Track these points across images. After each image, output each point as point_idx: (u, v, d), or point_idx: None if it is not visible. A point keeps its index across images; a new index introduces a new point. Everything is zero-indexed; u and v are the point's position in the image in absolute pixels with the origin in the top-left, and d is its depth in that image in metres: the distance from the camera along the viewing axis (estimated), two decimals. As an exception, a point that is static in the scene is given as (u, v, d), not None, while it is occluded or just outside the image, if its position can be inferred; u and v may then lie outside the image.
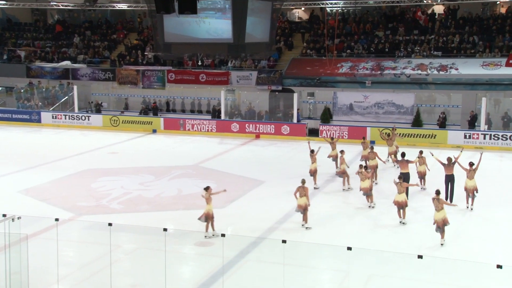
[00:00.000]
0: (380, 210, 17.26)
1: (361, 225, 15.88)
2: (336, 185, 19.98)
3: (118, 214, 16.88)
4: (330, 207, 17.61)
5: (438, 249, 13.96)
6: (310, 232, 15.26)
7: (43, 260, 12.94)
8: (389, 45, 33.46)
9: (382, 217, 16.61)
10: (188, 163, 23.78)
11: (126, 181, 20.61)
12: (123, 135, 30.71)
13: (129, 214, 16.93)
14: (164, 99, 36.01)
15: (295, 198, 15.67)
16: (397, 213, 15.97)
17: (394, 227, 15.72)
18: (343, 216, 16.76)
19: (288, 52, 36.22)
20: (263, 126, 30.04)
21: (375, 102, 30.67)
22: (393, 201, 15.99)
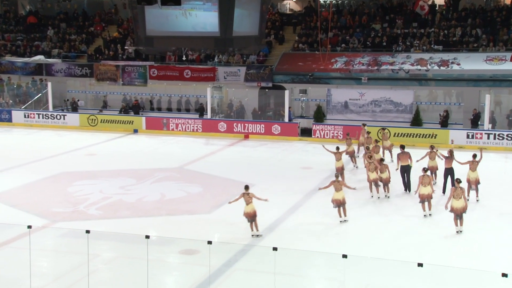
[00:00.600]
0: (380, 213, 17.33)
1: (358, 230, 15.93)
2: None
3: (96, 220, 16.80)
4: (324, 211, 17.66)
5: (439, 256, 14.04)
6: (303, 238, 15.28)
7: (14, 271, 12.84)
8: (386, 38, 33.62)
9: (381, 221, 16.68)
10: (172, 165, 23.73)
11: (105, 185, 20.53)
12: (102, 136, 30.58)
13: (108, 220, 16.85)
14: (146, 97, 35.92)
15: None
16: (421, 207, 16.94)
17: (395, 232, 15.79)
18: (338, 220, 16.79)
19: (279, 46, 36.26)
20: (252, 126, 30.06)
21: (372, 100, 30.81)
22: (419, 194, 16.85)
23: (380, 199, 18.66)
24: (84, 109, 35.78)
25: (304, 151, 26.58)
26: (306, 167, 23.47)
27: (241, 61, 35.14)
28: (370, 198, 18.71)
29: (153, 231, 15.89)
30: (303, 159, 24.96)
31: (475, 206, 17.81)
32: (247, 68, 33.73)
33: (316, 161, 24.55)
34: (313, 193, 19.54)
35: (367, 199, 18.64)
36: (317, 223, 16.59)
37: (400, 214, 17.38)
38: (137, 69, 35.74)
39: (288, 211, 17.52)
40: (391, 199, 18.75)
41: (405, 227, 16.31)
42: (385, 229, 16.14)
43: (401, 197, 19.02)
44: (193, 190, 20.00)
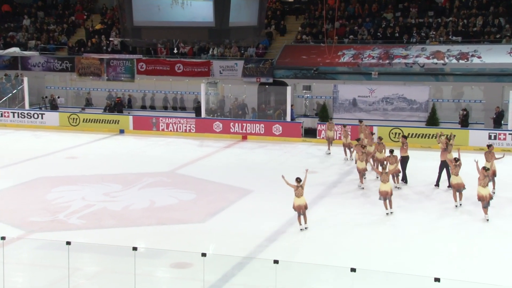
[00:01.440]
0: (392, 222, 17.35)
1: (366, 240, 15.94)
2: (345, 194, 20.07)
3: (78, 230, 16.78)
4: (330, 220, 17.65)
5: (457, 269, 14.04)
6: (307, 250, 15.28)
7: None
8: (399, 29, 33.66)
9: (393, 230, 16.68)
10: (162, 169, 23.73)
11: (88, 191, 20.52)
12: (84, 137, 30.58)
13: (91, 230, 16.84)
14: (138, 94, 35.91)
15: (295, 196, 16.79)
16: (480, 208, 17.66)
17: (406, 242, 15.79)
18: (346, 228, 16.80)
19: (280, 38, 36.29)
20: (251, 126, 30.07)
21: (383, 97, 30.82)
22: (478, 195, 17.62)
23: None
24: (65, 107, 35.79)
25: (308, 154, 26.59)
26: (311, 171, 23.41)
27: (239, 54, 35.16)
28: (371, 198, 19.39)
29: (141, 242, 15.87)
30: (307, 162, 24.95)
31: (495, 219, 17.84)
32: (245, 62, 33.75)
33: (322, 164, 24.55)
34: (319, 200, 19.54)
35: (372, 204, 18.66)
36: (322, 234, 16.58)
37: (408, 221, 17.39)
38: (124, 63, 35.76)
39: (290, 221, 17.50)
40: (398, 204, 18.77)
41: (415, 235, 16.31)
42: (393, 238, 16.14)
43: (407, 199, 19.07)
44: (186, 196, 20.00)
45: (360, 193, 20.44)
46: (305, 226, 16.68)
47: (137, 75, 35.59)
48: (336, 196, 20.04)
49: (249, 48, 34.93)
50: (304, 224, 16.70)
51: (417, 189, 20.81)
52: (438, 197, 19.97)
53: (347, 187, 21.16)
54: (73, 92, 37.82)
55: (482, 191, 17.43)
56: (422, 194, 20.29)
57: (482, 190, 17.43)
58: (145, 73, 35.41)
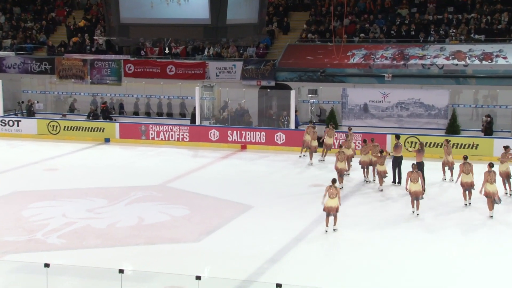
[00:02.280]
0: (395, 235, 17.34)
1: (376, 260, 15.92)
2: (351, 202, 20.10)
3: (58, 251, 16.75)
4: (339, 238, 17.64)
5: None
6: (312, 272, 15.25)
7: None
8: (415, 26, 33.73)
9: (396, 247, 16.68)
10: (152, 182, 23.72)
11: (69, 207, 20.50)
12: (66, 146, 30.58)
13: (73, 251, 16.80)
14: (129, 99, 35.85)
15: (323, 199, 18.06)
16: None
17: (414, 260, 15.79)
18: (356, 248, 16.79)
19: (283, 36, 36.36)
20: (251, 134, 30.08)
21: (397, 102, 30.84)
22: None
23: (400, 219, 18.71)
24: (44, 114, 35.77)
25: (314, 165, 26.59)
26: (317, 184, 23.46)
27: (237, 54, 35.21)
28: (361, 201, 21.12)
29: (128, 264, 15.85)
30: (313, 174, 24.95)
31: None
32: (245, 63, 33.79)
33: (329, 177, 24.43)
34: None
35: (384, 222, 18.65)
36: (329, 254, 16.56)
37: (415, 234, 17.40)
38: (109, 64, 35.80)
39: (295, 240, 17.49)
40: (400, 213, 18.80)
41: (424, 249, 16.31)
42: (406, 257, 16.13)
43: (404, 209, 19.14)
44: (178, 213, 19.98)
45: (372, 210, 20.42)
46: (334, 227, 18.01)
47: (124, 77, 35.60)
48: (344, 214, 19.99)
49: (249, 48, 34.98)
50: (333, 226, 17.99)
51: (435, 203, 20.81)
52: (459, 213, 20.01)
53: (359, 202, 21.14)
54: (53, 96, 37.80)
55: (490, 187, 19.16)
56: (441, 209, 20.29)
57: (490, 187, 19.16)
58: (133, 76, 35.43)
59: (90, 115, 34.30)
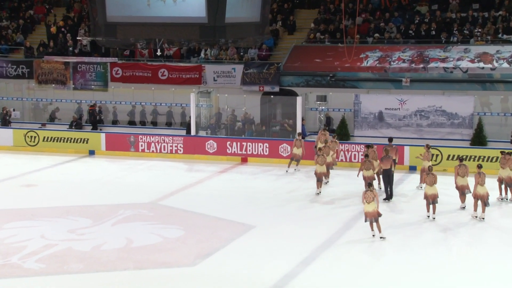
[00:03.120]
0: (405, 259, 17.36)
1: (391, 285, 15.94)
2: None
3: (36, 277, 16.70)
4: (351, 262, 17.64)
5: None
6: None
7: None
8: (436, 25, 33.81)
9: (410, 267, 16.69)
10: (142, 199, 23.71)
11: (49, 227, 20.48)
12: (45, 159, 30.60)
13: (52, 276, 16.76)
14: (107, 106, 35.94)
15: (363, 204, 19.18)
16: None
17: None
18: (367, 274, 16.79)
19: (289, 37, 36.46)
20: (252, 146, 30.09)
21: (416, 110, 30.87)
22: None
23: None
24: (20, 123, 35.80)
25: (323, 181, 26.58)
26: (326, 201, 23.47)
27: (237, 57, 35.31)
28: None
29: (115, 291, 15.84)
30: (323, 191, 24.93)
31: None
32: (245, 67, 33.87)
33: (340, 193, 24.54)
34: (337, 236, 19.51)
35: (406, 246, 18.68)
36: (341, 279, 16.54)
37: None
38: (94, 67, 35.90)
39: (301, 264, 17.47)
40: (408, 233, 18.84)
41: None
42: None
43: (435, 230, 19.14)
44: (171, 233, 19.96)
45: (389, 236, 20.42)
46: (380, 235, 19.02)
47: (111, 82, 35.71)
48: (356, 235, 19.99)
49: (250, 49, 35.09)
50: (378, 232, 19.05)
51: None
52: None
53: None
54: (31, 104, 37.87)
55: (481, 189, 20.81)
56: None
57: (480, 189, 20.81)
58: (120, 81, 35.51)
59: (72, 125, 34.37)
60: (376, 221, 19.06)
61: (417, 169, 26.78)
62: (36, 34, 40.37)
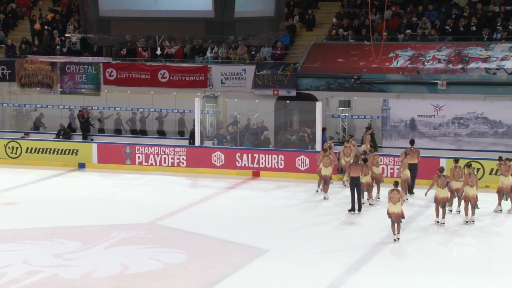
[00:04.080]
0: None
1: None
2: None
3: (18, 307, 16.79)
4: None
5: None
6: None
7: None
8: (477, 20, 33.75)
9: None
10: (139, 219, 23.74)
11: (32, 251, 20.52)
12: (28, 173, 30.67)
13: (37, 307, 16.83)
14: (98, 112, 35.94)
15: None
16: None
17: None
18: None
19: (307, 33, 36.48)
20: (266, 158, 30.08)
21: (454, 117, 30.77)
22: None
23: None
24: (1, 132, 35.89)
25: (346, 197, 26.52)
26: (349, 222, 23.46)
27: (248, 56, 35.34)
28: None
29: (108, 325, 15.86)
30: (344, 209, 24.91)
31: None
32: (257, 68, 33.90)
33: (365, 212, 24.51)
34: (362, 262, 19.49)
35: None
36: None
37: None
38: (85, 68, 36.00)
39: (323, 293, 17.49)
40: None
41: None
42: None
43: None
44: (172, 258, 19.99)
45: (417, 255, 20.37)
46: (397, 236, 20.97)
47: (104, 85, 35.76)
48: (384, 261, 19.96)
49: (263, 48, 35.10)
50: (397, 234, 20.98)
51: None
52: None
53: (402, 247, 21.12)
54: (13, 109, 37.90)
55: (470, 191, 22.56)
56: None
57: (470, 190, 22.55)
58: (115, 83, 35.58)
59: (60, 134, 34.33)
60: (399, 223, 20.94)
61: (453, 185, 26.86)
62: (18, 30, 40.53)
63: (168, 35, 22.29)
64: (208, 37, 23.30)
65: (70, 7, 40.12)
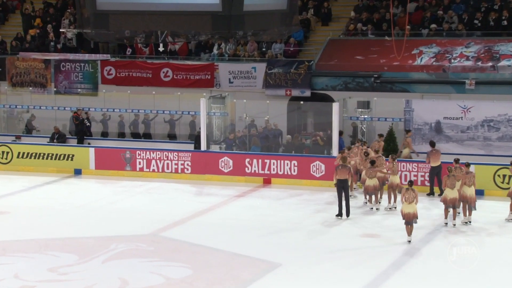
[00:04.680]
0: None
1: None
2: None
3: (9, 325, 16.84)
4: None
5: None
6: None
7: None
8: (508, 14, 33.72)
9: None
10: (140, 230, 23.78)
11: (24, 265, 20.56)
12: (20, 180, 30.78)
13: (29, 325, 16.89)
14: (96, 113, 35.96)
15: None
16: None
17: None
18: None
19: (323, 28, 36.51)
20: (278, 163, 30.08)
21: (483, 119, 30.72)
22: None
23: None
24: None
25: (366, 207, 26.54)
26: (370, 234, 23.44)
27: (258, 53, 35.36)
28: None
29: None
30: (364, 220, 24.90)
31: None
32: (269, 66, 33.93)
33: (388, 223, 24.51)
34: (383, 279, 19.51)
35: None
36: None
37: None
38: (82, 66, 36.09)
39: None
40: None
41: None
42: None
43: None
44: (176, 273, 20.01)
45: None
46: (408, 238, 22.01)
47: (102, 85, 35.82)
48: (406, 279, 19.96)
49: (275, 44, 35.13)
50: (410, 236, 22.03)
51: None
52: None
53: (430, 264, 21.12)
54: (3, 111, 38.01)
55: (467, 190, 23.61)
56: None
57: (467, 190, 23.60)
58: (114, 82, 35.65)
59: (54, 137, 34.38)
60: (412, 224, 21.97)
61: (485, 193, 26.82)
62: (9, 25, 40.68)
63: (171, 30, 22.35)
64: (215, 33, 23.40)
65: (65, 1, 40.14)
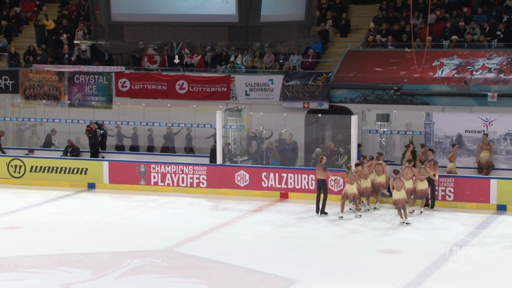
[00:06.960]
0: None
1: None
2: None
3: None
4: None
5: None
6: None
7: None
8: (531, 24, 33.70)
9: None
10: (155, 246, 23.79)
11: (37, 281, 20.58)
12: (33, 195, 30.81)
13: None
14: (110, 126, 35.99)
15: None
16: None
17: None
18: None
19: (341, 39, 36.50)
20: (295, 178, 30.05)
21: (506, 133, 30.60)
22: None
23: None
24: (3, 149, 36.05)
25: (385, 222, 26.49)
26: (389, 250, 23.36)
27: (275, 65, 35.37)
28: None
29: None
30: (383, 235, 24.85)
31: None
32: (286, 78, 33.92)
33: (408, 238, 24.45)
34: None
35: None
36: None
37: None
38: (96, 79, 36.17)
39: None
40: None
41: None
42: None
43: None
44: (191, 290, 20.04)
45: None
46: (405, 221, 25.32)
47: (117, 97, 35.87)
48: None
49: (292, 56, 35.15)
50: (404, 218, 25.31)
51: None
52: None
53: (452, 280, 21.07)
54: (16, 124, 38.09)
55: (396, 194, 25.48)
56: None
57: (396, 194, 25.48)
58: (128, 95, 35.70)
59: (68, 151, 34.42)
60: (404, 208, 25.15)
61: (508, 208, 26.73)
62: (23, 37, 40.79)
63: (187, 42, 22.38)
64: (231, 44, 23.39)
65: (80, 11, 40.30)
